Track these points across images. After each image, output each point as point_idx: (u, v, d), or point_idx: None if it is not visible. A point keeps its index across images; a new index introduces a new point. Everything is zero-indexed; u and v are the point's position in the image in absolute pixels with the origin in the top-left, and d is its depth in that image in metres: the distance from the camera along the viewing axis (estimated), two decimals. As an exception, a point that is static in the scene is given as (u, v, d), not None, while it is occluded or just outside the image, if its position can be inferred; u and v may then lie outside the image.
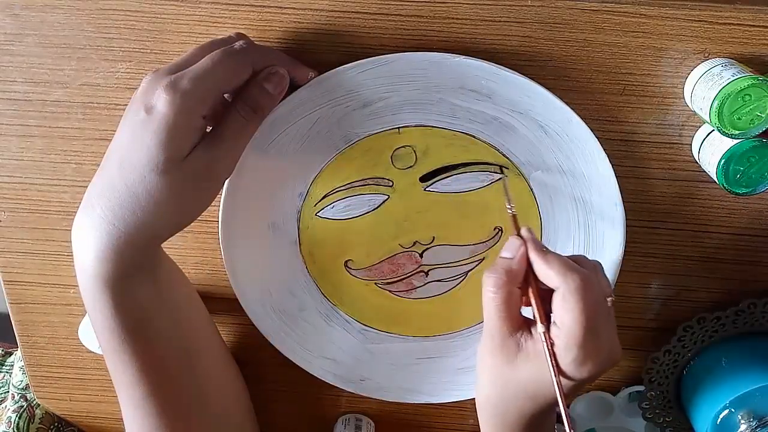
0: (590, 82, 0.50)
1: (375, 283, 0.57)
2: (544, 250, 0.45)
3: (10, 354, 0.81)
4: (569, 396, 0.45)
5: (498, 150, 0.52)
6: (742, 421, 0.55)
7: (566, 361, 0.43)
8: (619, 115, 0.51)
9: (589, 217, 0.53)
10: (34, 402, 0.67)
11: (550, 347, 0.44)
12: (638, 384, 0.62)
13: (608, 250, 0.53)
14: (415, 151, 0.52)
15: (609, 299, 0.45)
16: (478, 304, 0.50)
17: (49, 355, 0.63)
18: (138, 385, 0.49)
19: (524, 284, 0.46)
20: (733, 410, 0.55)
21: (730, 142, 0.47)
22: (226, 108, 0.45)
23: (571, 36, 0.49)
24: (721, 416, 0.55)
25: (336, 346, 0.58)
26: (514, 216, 0.48)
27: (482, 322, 0.52)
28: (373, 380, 0.59)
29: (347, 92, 0.49)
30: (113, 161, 0.44)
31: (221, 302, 0.58)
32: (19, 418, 0.66)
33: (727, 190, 0.48)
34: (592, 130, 0.49)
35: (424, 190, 0.53)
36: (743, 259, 0.56)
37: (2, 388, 0.76)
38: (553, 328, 0.44)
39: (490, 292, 0.45)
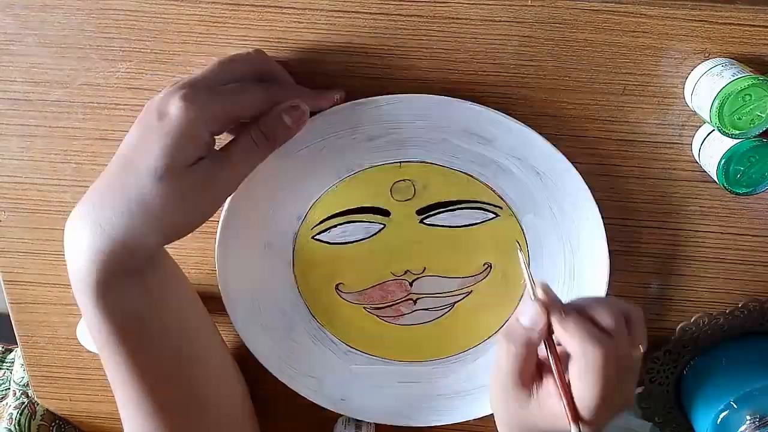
0: (590, 82, 0.50)
1: (364, 308, 0.58)
2: (562, 315, 0.43)
3: (11, 351, 0.81)
4: None
5: (494, 191, 0.53)
6: (743, 421, 0.55)
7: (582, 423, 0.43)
8: (619, 115, 0.51)
9: (574, 259, 0.55)
10: (35, 399, 0.67)
11: (572, 412, 0.43)
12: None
13: (590, 292, 0.55)
14: (414, 185, 0.53)
15: (640, 348, 0.44)
16: (462, 334, 0.54)
17: (49, 354, 0.63)
18: (129, 385, 0.48)
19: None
20: (733, 410, 0.55)
21: (730, 142, 0.47)
22: (240, 130, 0.45)
23: (572, 36, 0.49)
24: (721, 416, 0.55)
25: (321, 366, 0.59)
26: (531, 279, 0.46)
27: (465, 350, 0.58)
28: (353, 401, 0.60)
29: (355, 125, 0.50)
30: (117, 161, 0.44)
31: (221, 302, 0.58)
32: (21, 414, 0.66)
33: (727, 190, 0.48)
34: (583, 164, 0.51)
35: (420, 222, 0.54)
36: (743, 259, 0.56)
37: (3, 385, 0.77)
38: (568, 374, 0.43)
39: (509, 358, 0.44)
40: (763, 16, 0.47)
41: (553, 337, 0.44)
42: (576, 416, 0.43)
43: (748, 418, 0.55)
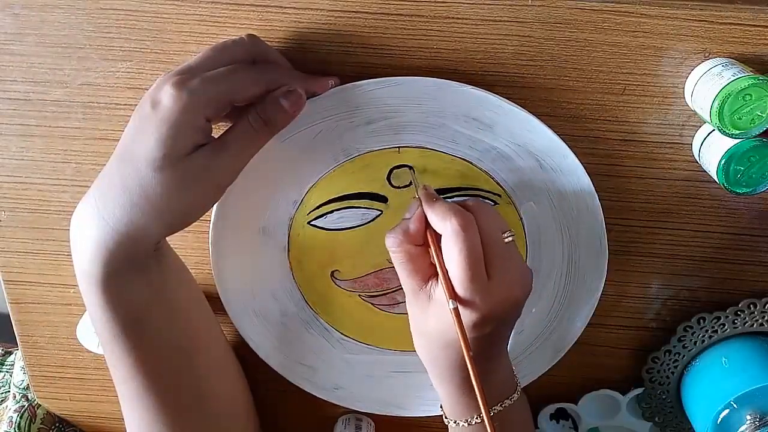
0: (590, 82, 0.50)
1: (359, 295, 0.57)
2: (433, 200, 0.46)
3: (11, 353, 0.81)
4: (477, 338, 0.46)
5: (493, 178, 0.52)
6: (743, 421, 0.55)
7: (460, 305, 0.44)
8: (620, 115, 0.51)
9: (573, 250, 0.54)
10: (36, 402, 0.67)
11: (449, 290, 0.44)
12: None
13: (588, 283, 0.55)
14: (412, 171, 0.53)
15: (506, 235, 0.46)
16: None
17: (49, 355, 0.63)
18: (131, 379, 0.49)
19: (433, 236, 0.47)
20: (733, 410, 0.55)
21: (730, 142, 0.47)
22: (238, 116, 0.45)
23: (572, 36, 0.49)
24: (721, 416, 0.55)
25: (314, 354, 0.59)
26: (415, 184, 0.51)
27: None
28: (347, 390, 0.60)
29: (353, 108, 0.49)
30: (116, 153, 0.44)
31: (220, 302, 0.58)
32: (21, 417, 0.66)
33: (727, 189, 0.48)
34: (583, 164, 0.50)
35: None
36: (743, 259, 0.56)
37: (3, 388, 0.76)
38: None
39: (391, 252, 0.47)
40: (763, 16, 0.47)
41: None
42: (453, 293, 0.44)
43: (748, 418, 0.55)
